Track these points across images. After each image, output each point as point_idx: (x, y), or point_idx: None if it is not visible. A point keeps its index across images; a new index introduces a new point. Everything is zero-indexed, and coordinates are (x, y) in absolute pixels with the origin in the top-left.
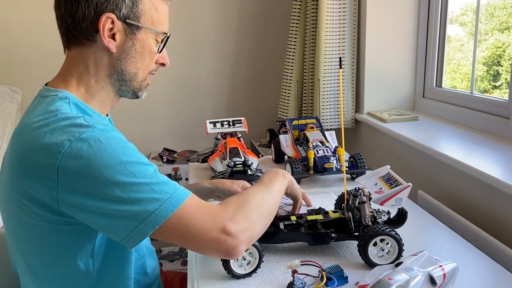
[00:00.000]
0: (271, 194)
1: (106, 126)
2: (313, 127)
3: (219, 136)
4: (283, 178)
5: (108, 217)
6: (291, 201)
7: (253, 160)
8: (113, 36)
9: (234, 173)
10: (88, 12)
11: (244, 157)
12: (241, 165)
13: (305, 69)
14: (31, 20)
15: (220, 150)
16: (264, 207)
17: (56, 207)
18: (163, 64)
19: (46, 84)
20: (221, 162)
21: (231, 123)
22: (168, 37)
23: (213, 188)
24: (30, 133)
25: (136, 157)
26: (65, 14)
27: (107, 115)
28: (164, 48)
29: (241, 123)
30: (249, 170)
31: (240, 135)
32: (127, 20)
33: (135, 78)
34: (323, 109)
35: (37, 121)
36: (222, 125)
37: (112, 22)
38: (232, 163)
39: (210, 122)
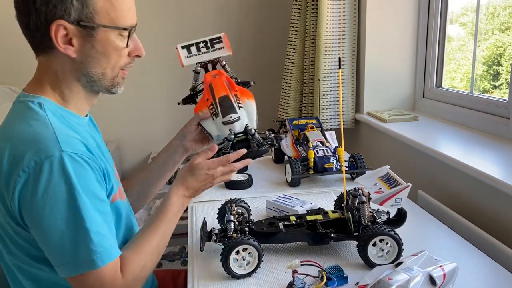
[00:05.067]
0: (165, 236)
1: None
2: (313, 127)
3: (199, 68)
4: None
5: None
6: (302, 202)
7: (249, 103)
8: (70, 42)
9: (235, 145)
10: (39, 22)
11: (240, 107)
12: (242, 135)
13: (305, 69)
14: None
15: (208, 99)
16: (157, 252)
17: None
18: (138, 56)
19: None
20: (213, 120)
21: (208, 44)
22: (133, 28)
23: (178, 143)
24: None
25: None
26: (21, 25)
27: (86, 115)
28: (134, 39)
29: (221, 41)
30: (252, 140)
31: (224, 62)
32: (81, 23)
33: (104, 78)
34: (323, 109)
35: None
36: (198, 49)
37: (65, 28)
38: (232, 136)
39: (183, 47)
